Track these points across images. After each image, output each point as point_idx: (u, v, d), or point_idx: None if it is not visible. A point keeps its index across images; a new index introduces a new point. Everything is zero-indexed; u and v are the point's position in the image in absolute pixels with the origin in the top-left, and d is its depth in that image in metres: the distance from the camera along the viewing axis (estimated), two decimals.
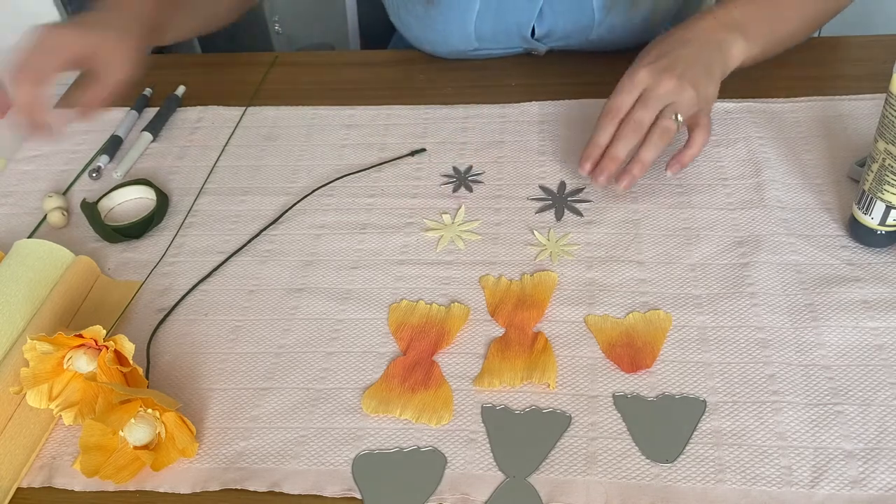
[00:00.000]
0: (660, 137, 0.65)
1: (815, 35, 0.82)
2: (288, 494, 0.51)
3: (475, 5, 0.80)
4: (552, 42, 0.85)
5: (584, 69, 0.85)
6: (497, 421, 0.54)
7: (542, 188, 0.71)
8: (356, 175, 0.74)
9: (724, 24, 0.69)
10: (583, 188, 0.71)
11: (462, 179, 0.72)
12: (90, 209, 0.71)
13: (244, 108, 0.84)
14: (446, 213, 0.69)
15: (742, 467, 0.50)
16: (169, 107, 0.84)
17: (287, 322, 0.61)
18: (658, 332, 0.58)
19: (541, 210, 0.69)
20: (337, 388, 0.56)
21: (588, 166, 0.67)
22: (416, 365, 0.57)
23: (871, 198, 0.60)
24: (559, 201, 0.69)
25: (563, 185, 0.71)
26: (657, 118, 0.65)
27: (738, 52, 0.69)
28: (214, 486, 0.51)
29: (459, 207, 0.70)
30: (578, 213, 0.68)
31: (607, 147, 0.66)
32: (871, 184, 0.60)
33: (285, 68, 0.89)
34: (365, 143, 0.78)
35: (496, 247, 0.66)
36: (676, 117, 0.64)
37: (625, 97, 0.66)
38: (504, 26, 0.82)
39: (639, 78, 0.66)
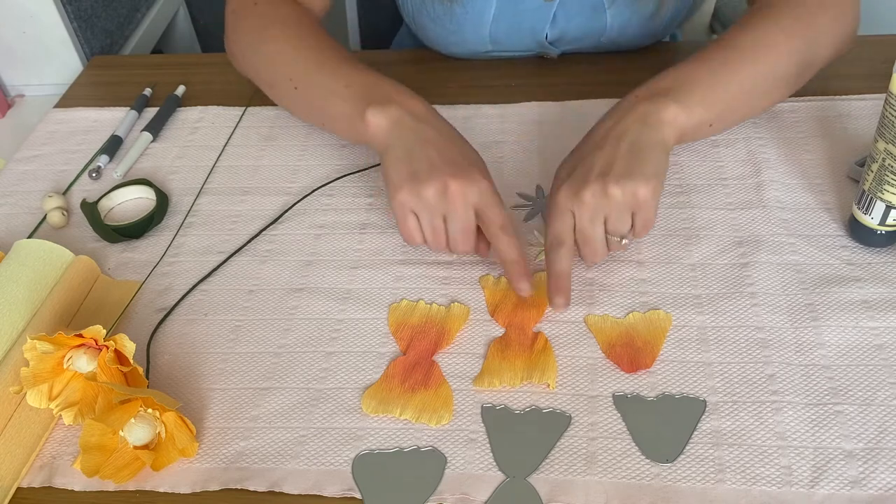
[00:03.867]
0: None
1: None
2: (288, 494, 0.51)
3: (491, 8, 0.80)
4: (565, 45, 0.85)
5: (585, 70, 0.85)
6: (497, 421, 0.54)
7: (521, 195, 0.70)
8: (356, 175, 0.74)
9: (652, 92, 0.64)
10: None
11: None
12: (90, 209, 0.71)
13: (244, 108, 0.84)
14: None
15: (742, 467, 0.50)
16: (169, 107, 0.84)
17: (287, 322, 0.61)
18: (658, 332, 0.58)
19: (528, 217, 0.68)
20: (337, 388, 0.56)
21: (562, 300, 0.59)
22: (416, 365, 0.57)
23: (871, 198, 0.60)
24: (541, 206, 0.69)
25: (539, 188, 0.71)
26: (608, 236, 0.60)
27: (672, 115, 0.62)
28: (214, 486, 0.51)
29: None
30: None
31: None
32: (871, 184, 0.60)
33: None
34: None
35: None
36: (621, 241, 0.60)
37: (559, 225, 0.60)
38: (518, 29, 0.82)
39: (561, 203, 0.60)
